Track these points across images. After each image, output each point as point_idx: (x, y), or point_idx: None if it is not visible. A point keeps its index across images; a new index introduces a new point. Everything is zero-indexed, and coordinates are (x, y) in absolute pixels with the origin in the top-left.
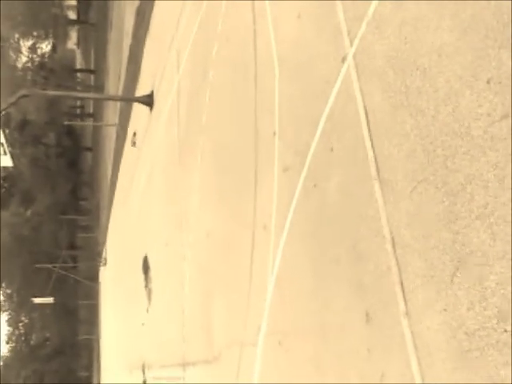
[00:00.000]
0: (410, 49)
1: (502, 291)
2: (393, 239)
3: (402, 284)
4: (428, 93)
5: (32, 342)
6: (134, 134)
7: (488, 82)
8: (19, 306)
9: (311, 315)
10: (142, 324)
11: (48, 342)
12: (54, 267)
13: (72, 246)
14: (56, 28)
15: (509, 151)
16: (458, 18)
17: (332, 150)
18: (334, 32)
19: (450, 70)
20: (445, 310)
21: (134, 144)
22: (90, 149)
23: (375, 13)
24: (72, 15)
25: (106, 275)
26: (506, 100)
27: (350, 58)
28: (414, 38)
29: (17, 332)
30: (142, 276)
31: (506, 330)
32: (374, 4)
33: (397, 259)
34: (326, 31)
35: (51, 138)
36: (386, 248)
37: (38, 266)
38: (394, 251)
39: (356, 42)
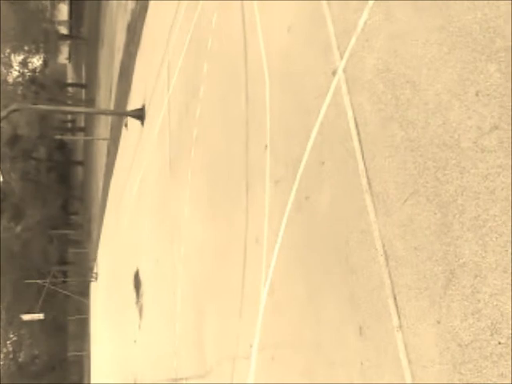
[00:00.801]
0: (400, 62)
1: (495, 303)
2: (385, 252)
3: (394, 296)
4: (418, 105)
5: (20, 360)
6: (126, 122)
7: (477, 95)
8: (8, 323)
9: (304, 329)
10: (134, 341)
11: (37, 360)
12: (44, 283)
13: (63, 261)
14: (47, 43)
15: (499, 163)
16: (446, 32)
17: (323, 162)
18: (324, 46)
19: (439, 82)
20: (438, 322)
21: (125, 126)
22: (81, 163)
23: (364, 27)
24: (63, 30)
25: (97, 290)
26: (494, 112)
27: (340, 72)
28: (403, 52)
29: (5, 350)
30: (133, 291)
31: (499, 342)
32: (363, 18)
33: (389, 272)
34: (316, 45)
35: (42, 152)
36: (379, 260)
37: (27, 281)
38: (387, 264)
39: (346, 55)
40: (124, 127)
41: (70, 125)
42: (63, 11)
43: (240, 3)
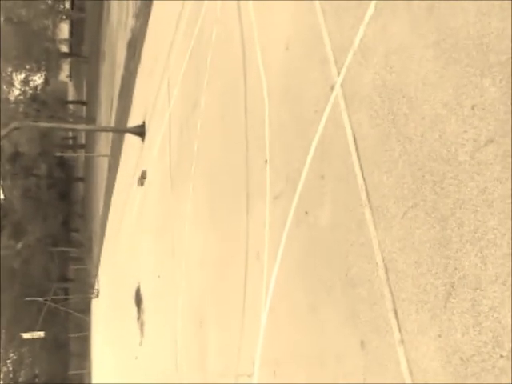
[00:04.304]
0: (396, 77)
1: (495, 315)
2: (385, 265)
3: (395, 311)
4: (415, 120)
5: (21, 379)
6: (144, 173)
7: (472, 109)
8: (8, 341)
9: (306, 344)
10: (136, 358)
11: (37, 379)
12: (45, 300)
13: (64, 279)
14: (48, 61)
15: (496, 176)
16: (441, 48)
17: (323, 177)
18: (321, 61)
19: (435, 97)
20: (439, 335)
21: (141, 183)
22: (81, 179)
23: (361, 43)
24: (64, 48)
25: (98, 307)
26: (490, 125)
27: (337, 87)
28: (399, 67)
29: (4, 369)
30: (134, 308)
31: (501, 356)
32: (359, 35)
33: (390, 286)
34: (313, 60)
35: (43, 169)
36: (379, 274)
37: (28, 299)
38: (387, 278)
39: (343, 71)
40: (138, 184)
41: (70, 142)
42: (64, 30)
43: (238, 19)
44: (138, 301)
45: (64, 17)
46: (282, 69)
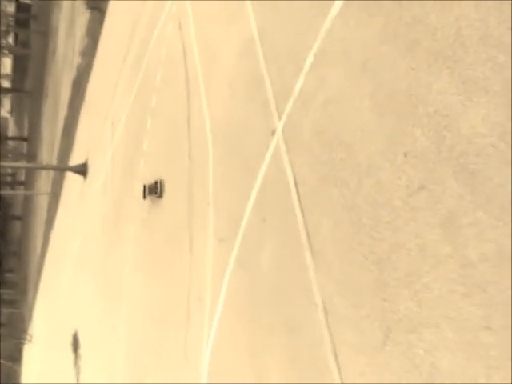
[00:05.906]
0: (335, 125)
1: (431, 359)
2: (325, 308)
3: (335, 353)
4: (352, 166)
5: None
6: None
7: (405, 156)
8: None
9: None
10: None
11: None
12: None
13: None
14: None
15: (428, 221)
16: (376, 99)
17: (264, 220)
18: (263, 107)
19: (372, 145)
20: (379, 379)
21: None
22: (19, 218)
23: (301, 91)
24: (6, 84)
25: (30, 354)
26: (421, 173)
27: (279, 132)
28: (338, 116)
29: None
30: (71, 353)
31: None
32: (299, 83)
33: (329, 328)
34: (255, 105)
35: None
36: (319, 317)
37: None
38: (327, 320)
39: (284, 117)
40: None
41: (9, 178)
42: (6, 65)
43: (183, 61)
44: (75, 346)
45: (7, 52)
46: (225, 113)
